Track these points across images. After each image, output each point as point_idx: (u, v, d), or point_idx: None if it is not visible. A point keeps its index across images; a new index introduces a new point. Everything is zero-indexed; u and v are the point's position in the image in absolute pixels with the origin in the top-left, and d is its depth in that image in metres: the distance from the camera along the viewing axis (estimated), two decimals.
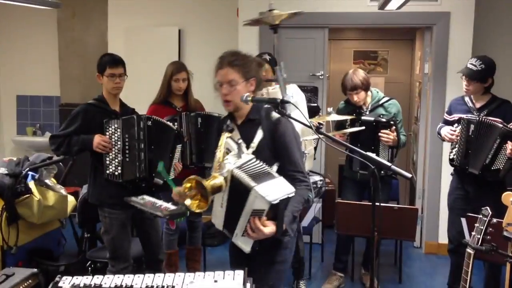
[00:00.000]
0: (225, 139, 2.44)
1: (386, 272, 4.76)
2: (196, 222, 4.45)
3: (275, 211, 2.32)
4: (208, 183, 2.31)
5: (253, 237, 2.38)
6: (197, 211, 2.35)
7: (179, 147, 3.56)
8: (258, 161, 2.38)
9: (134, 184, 3.40)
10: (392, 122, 3.98)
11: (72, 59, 6.43)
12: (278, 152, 2.50)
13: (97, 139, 3.33)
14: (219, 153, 2.38)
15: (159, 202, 3.10)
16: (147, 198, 3.20)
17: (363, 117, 4.03)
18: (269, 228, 2.35)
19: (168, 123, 3.57)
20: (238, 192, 2.34)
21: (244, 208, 2.33)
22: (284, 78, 3.43)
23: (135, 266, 3.73)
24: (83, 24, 6.38)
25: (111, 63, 3.44)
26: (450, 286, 4.09)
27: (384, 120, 3.99)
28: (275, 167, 2.48)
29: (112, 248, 3.52)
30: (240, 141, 2.48)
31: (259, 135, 2.50)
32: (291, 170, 2.49)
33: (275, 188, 2.32)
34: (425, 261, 5.11)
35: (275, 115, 2.51)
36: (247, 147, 2.49)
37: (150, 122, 3.40)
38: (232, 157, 2.45)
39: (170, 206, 3.00)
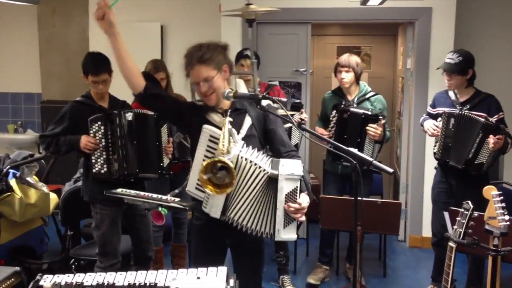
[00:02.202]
0: (227, 124, 2.38)
1: (371, 266, 4.79)
2: (182, 218, 4.44)
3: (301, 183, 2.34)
4: (228, 162, 2.24)
5: (300, 219, 2.35)
6: (224, 193, 2.31)
7: (164, 129, 3.55)
8: (250, 147, 2.39)
9: (123, 180, 3.38)
10: (380, 117, 4.00)
11: (53, 55, 6.36)
12: (270, 137, 2.54)
13: (84, 140, 3.33)
14: (224, 138, 2.32)
15: (157, 195, 2.98)
16: (133, 191, 3.07)
17: (352, 109, 4.04)
18: (306, 200, 2.35)
19: (149, 112, 3.47)
20: (249, 179, 2.32)
21: (278, 199, 2.31)
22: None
23: (124, 262, 3.71)
24: (63, 20, 6.31)
25: (93, 72, 3.38)
26: (433, 279, 4.13)
27: (373, 113, 4.00)
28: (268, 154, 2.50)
29: (102, 244, 3.50)
30: (230, 126, 2.44)
31: (248, 122, 2.52)
32: (285, 151, 2.54)
33: (290, 164, 2.35)
34: (409, 254, 5.15)
35: (263, 103, 2.50)
36: (238, 134, 2.48)
37: (130, 116, 3.37)
38: (232, 143, 2.41)
39: (175, 198, 2.90)
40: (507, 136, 3.65)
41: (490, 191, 2.52)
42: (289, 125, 3.69)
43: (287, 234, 2.39)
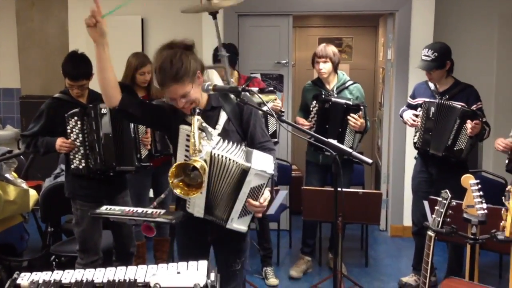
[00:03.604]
0: (196, 123, 2.33)
1: (353, 256, 4.83)
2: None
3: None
4: (198, 163, 2.22)
5: (256, 215, 2.40)
6: (191, 196, 2.29)
7: None
8: (227, 142, 2.39)
9: (101, 175, 3.36)
10: (362, 107, 4.01)
11: (32, 50, 6.27)
12: (249, 130, 2.53)
13: (58, 142, 3.31)
14: (194, 137, 2.28)
15: (142, 209, 2.83)
16: (117, 207, 2.90)
17: (333, 99, 4.05)
18: (267, 199, 2.38)
19: None
20: (225, 174, 2.33)
21: (241, 190, 2.33)
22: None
23: (105, 259, 3.68)
24: (42, 15, 6.22)
25: (71, 78, 3.32)
26: (414, 268, 4.18)
27: (354, 103, 4.02)
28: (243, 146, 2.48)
29: (82, 241, 3.47)
30: (205, 124, 2.42)
31: (223, 117, 2.50)
32: (263, 141, 2.54)
33: (263, 160, 2.36)
34: (390, 244, 5.20)
35: (235, 96, 2.49)
36: (214, 130, 2.46)
37: (105, 109, 3.33)
38: (204, 140, 2.38)
39: (160, 210, 2.77)
40: (484, 123, 3.70)
41: (468, 180, 2.55)
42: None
43: (239, 225, 2.43)
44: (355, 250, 5.00)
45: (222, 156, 2.31)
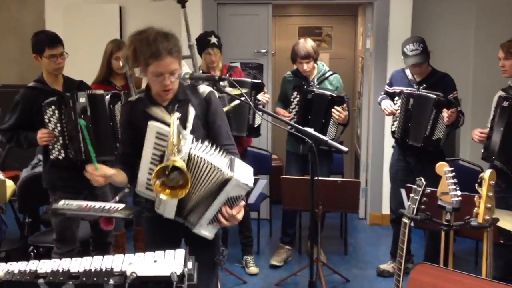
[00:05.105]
0: (176, 120, 2.25)
1: (332, 244, 4.87)
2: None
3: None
4: (178, 163, 2.15)
5: (225, 225, 2.32)
6: (179, 196, 2.21)
7: (118, 107, 3.45)
8: (200, 142, 2.30)
9: (81, 164, 3.33)
10: (346, 100, 4.03)
11: (8, 39, 6.18)
12: (213, 128, 2.45)
13: (39, 135, 3.27)
14: (173, 136, 2.20)
15: (100, 204, 2.84)
16: (76, 202, 2.87)
17: (316, 90, 4.06)
18: (241, 212, 2.31)
19: (101, 91, 3.41)
20: (204, 178, 2.24)
21: (217, 198, 2.25)
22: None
23: (81, 249, 3.67)
24: (19, 3, 6.13)
25: (50, 44, 3.29)
26: (392, 255, 4.23)
27: (338, 95, 4.03)
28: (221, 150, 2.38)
29: (60, 230, 3.45)
30: (178, 123, 2.34)
31: (192, 113, 2.41)
32: (226, 144, 2.45)
33: (245, 171, 2.27)
34: (369, 232, 5.26)
35: (204, 90, 2.45)
36: (184, 128, 2.36)
37: (83, 98, 3.28)
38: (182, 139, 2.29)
39: (118, 205, 2.77)
40: (459, 112, 3.76)
41: (443, 168, 2.58)
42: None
43: (206, 231, 2.35)
44: (335, 238, 5.04)
45: (201, 158, 2.23)
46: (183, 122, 2.37)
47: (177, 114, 2.28)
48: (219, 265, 2.58)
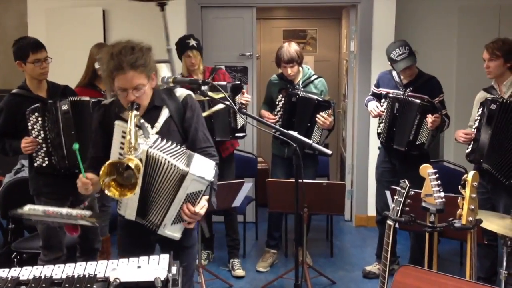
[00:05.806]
0: (133, 119, 2.22)
1: (318, 246, 4.88)
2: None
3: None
4: (133, 162, 2.13)
5: (190, 223, 2.31)
6: (124, 198, 2.21)
7: None
8: (165, 141, 2.30)
9: (65, 171, 3.30)
10: (333, 105, 4.03)
11: None
12: (190, 132, 2.45)
13: (23, 144, 3.23)
14: (130, 134, 2.17)
15: (66, 210, 2.69)
16: (41, 208, 2.72)
17: (300, 94, 4.06)
18: (203, 208, 2.30)
19: (86, 98, 3.40)
20: (161, 176, 2.25)
21: (177, 196, 2.25)
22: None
23: (68, 255, 3.63)
24: (1, 7, 6.05)
25: (34, 49, 3.27)
26: (378, 256, 4.26)
27: (324, 100, 4.02)
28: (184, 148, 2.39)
29: (46, 237, 3.42)
30: (142, 120, 2.34)
31: (164, 115, 2.40)
32: (204, 147, 2.46)
33: (203, 165, 2.27)
34: (355, 233, 5.28)
35: (181, 94, 2.43)
36: (152, 128, 2.37)
37: (66, 105, 3.27)
38: (141, 138, 2.28)
39: (85, 212, 2.65)
40: (444, 115, 3.78)
41: (426, 169, 2.60)
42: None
43: (172, 232, 2.35)
44: (321, 240, 5.05)
45: (159, 156, 2.23)
46: (152, 123, 2.37)
47: (135, 112, 2.25)
48: (187, 271, 2.53)
